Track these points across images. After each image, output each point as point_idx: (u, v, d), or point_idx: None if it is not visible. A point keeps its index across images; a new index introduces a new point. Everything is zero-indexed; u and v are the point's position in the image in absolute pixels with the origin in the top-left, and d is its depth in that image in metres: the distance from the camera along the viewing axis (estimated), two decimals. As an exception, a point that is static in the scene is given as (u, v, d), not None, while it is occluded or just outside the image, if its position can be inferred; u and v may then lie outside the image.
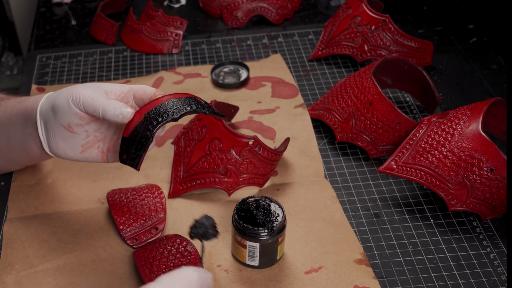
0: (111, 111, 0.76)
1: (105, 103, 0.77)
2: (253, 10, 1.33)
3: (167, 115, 0.75)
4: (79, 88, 0.79)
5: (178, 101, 0.77)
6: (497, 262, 0.86)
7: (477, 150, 0.87)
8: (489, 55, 1.25)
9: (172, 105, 0.76)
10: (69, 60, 1.26)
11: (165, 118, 0.75)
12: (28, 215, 0.93)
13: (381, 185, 0.98)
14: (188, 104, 0.77)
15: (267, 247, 0.82)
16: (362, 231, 0.90)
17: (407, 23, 1.35)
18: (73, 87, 0.80)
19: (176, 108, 0.76)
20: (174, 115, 0.75)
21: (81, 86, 0.80)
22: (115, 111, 0.76)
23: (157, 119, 0.75)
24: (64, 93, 0.80)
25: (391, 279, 0.84)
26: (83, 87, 0.79)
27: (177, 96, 0.77)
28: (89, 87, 0.79)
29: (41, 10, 1.44)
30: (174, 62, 1.25)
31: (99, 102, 0.77)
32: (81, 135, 0.81)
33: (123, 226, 0.88)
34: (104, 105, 0.77)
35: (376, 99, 0.98)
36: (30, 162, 0.95)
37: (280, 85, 1.17)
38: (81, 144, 0.81)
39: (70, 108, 0.78)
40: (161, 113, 0.76)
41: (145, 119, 0.76)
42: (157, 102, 0.77)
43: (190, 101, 0.77)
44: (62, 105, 0.79)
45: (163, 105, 0.76)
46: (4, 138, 0.88)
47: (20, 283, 0.83)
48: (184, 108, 0.76)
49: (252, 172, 0.92)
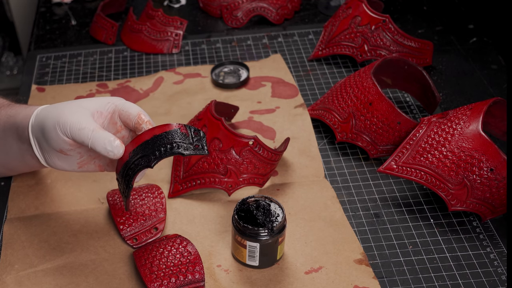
0: (100, 145, 0.74)
1: (93, 137, 0.75)
2: (253, 10, 1.33)
3: (149, 159, 0.73)
4: (65, 114, 0.76)
5: (155, 143, 0.74)
6: (497, 262, 0.86)
7: (477, 150, 0.87)
8: (489, 55, 1.25)
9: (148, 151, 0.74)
10: (69, 60, 1.26)
11: (143, 165, 0.73)
12: (28, 215, 0.93)
13: (381, 185, 0.98)
14: (169, 144, 0.74)
15: (267, 247, 0.82)
16: (362, 231, 0.90)
17: (407, 23, 1.35)
18: (59, 112, 0.77)
19: (157, 152, 0.74)
20: (149, 163, 0.73)
21: (67, 112, 0.77)
22: (105, 147, 0.74)
23: (137, 166, 0.74)
24: (51, 119, 0.77)
25: (391, 279, 0.84)
26: (69, 113, 0.76)
27: (160, 131, 0.75)
28: (75, 112, 0.77)
29: (41, 10, 1.44)
30: (174, 62, 1.25)
31: (86, 134, 0.75)
32: (75, 156, 0.80)
33: (123, 226, 0.88)
34: (93, 138, 0.75)
35: (376, 99, 0.98)
36: (30, 170, 0.96)
37: (280, 85, 1.17)
38: (77, 162, 0.81)
39: (58, 136, 0.77)
40: (147, 154, 0.74)
41: (130, 158, 0.75)
42: (139, 141, 0.75)
43: (173, 136, 0.74)
44: (50, 132, 0.77)
45: (146, 144, 0.74)
46: (2, 150, 0.87)
47: (20, 283, 0.83)
48: (161, 152, 0.73)
49: (252, 172, 0.92)
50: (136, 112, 0.78)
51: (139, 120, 0.78)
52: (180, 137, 0.75)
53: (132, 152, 0.75)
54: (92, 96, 1.15)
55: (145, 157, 0.74)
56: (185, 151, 0.73)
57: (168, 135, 0.74)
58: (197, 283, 0.79)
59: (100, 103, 0.80)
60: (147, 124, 0.77)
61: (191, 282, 0.79)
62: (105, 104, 0.80)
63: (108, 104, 0.80)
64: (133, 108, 0.79)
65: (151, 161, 0.73)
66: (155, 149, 0.73)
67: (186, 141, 0.75)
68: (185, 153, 0.73)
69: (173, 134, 0.75)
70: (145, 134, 0.75)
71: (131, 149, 0.75)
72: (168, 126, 0.75)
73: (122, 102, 0.80)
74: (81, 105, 0.79)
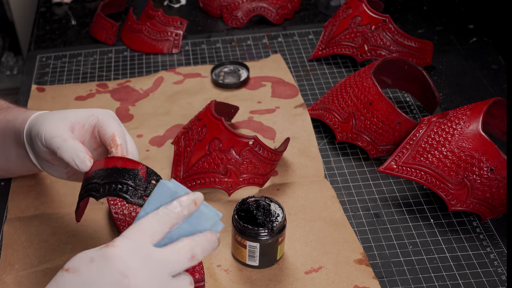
0: (68, 155, 0.73)
1: (62, 146, 0.73)
2: (253, 10, 1.33)
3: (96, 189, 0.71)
4: (44, 124, 0.76)
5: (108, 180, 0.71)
6: (497, 262, 0.86)
7: (477, 150, 0.87)
8: (489, 55, 1.25)
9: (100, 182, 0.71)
10: (69, 60, 1.26)
11: (90, 194, 0.71)
12: (28, 215, 0.93)
13: (381, 185, 0.98)
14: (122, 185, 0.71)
15: (267, 247, 0.82)
16: (362, 231, 0.90)
17: (407, 23, 1.35)
18: (41, 121, 0.76)
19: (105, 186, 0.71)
20: (95, 195, 0.70)
21: (46, 121, 0.76)
22: (72, 158, 0.73)
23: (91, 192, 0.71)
24: (35, 128, 0.77)
25: (391, 279, 0.84)
26: (48, 123, 0.75)
27: (123, 165, 0.71)
28: (54, 121, 0.75)
29: (41, 10, 1.44)
30: (174, 62, 1.25)
31: (56, 142, 0.73)
32: (61, 165, 0.80)
33: (123, 226, 0.88)
34: (61, 147, 0.73)
35: (376, 99, 0.98)
36: (30, 173, 0.96)
37: (280, 85, 1.17)
38: (65, 172, 0.81)
39: (38, 146, 0.77)
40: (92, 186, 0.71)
41: (90, 177, 0.73)
42: (104, 164, 0.72)
43: (130, 177, 0.71)
44: (35, 141, 0.77)
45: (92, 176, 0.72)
46: (2, 154, 0.87)
47: (20, 283, 0.83)
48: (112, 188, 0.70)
49: (252, 172, 0.92)
50: (111, 133, 0.76)
51: (112, 141, 0.75)
52: (135, 180, 0.71)
53: (94, 172, 0.73)
54: (92, 96, 1.15)
55: (97, 185, 0.71)
56: (131, 198, 0.70)
57: (126, 173, 0.71)
58: (197, 283, 0.79)
59: (83, 115, 0.78)
60: (118, 149, 0.75)
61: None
62: (88, 116, 0.78)
63: (91, 117, 0.78)
64: (110, 127, 0.76)
65: (97, 195, 0.71)
66: (106, 183, 0.71)
67: (139, 188, 0.71)
68: (130, 200, 0.70)
69: (130, 174, 0.71)
70: (110, 160, 0.72)
71: (95, 168, 0.73)
72: (132, 163, 0.72)
73: (105, 118, 0.77)
74: (64, 115, 0.77)
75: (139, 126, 1.08)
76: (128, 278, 0.59)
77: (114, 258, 0.60)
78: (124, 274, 0.59)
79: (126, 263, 0.60)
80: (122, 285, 0.59)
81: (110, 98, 1.15)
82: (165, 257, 0.62)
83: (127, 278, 0.59)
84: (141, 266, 0.60)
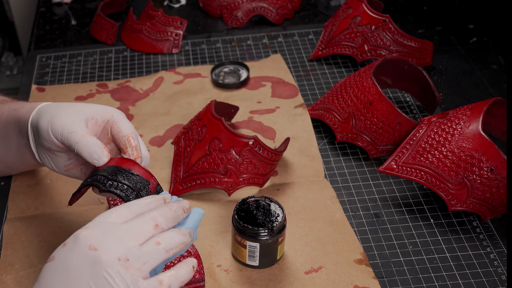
0: (86, 151, 0.74)
1: (80, 141, 0.74)
2: (253, 10, 1.33)
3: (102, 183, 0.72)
4: (59, 115, 0.76)
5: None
6: (497, 262, 0.86)
7: (477, 150, 0.87)
8: (489, 55, 1.25)
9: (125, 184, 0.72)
10: (69, 60, 1.26)
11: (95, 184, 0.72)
12: (28, 215, 0.93)
13: (381, 185, 0.98)
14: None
15: (267, 247, 0.82)
16: (362, 231, 0.90)
17: (407, 23, 1.35)
18: (55, 111, 0.77)
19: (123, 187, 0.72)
20: (99, 186, 0.72)
21: (61, 113, 0.77)
22: (91, 153, 0.74)
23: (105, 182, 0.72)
24: (47, 117, 0.77)
25: (391, 279, 0.84)
26: (63, 115, 0.76)
27: (139, 172, 0.73)
28: (69, 114, 0.76)
29: (41, 10, 1.44)
30: (174, 62, 1.25)
31: (74, 138, 0.74)
32: (63, 157, 0.80)
33: (123, 226, 0.88)
34: (80, 143, 0.74)
35: (376, 99, 0.98)
36: (27, 168, 0.95)
37: (280, 85, 1.17)
38: (64, 164, 0.81)
39: (49, 136, 0.77)
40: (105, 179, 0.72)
41: (101, 170, 0.74)
42: (119, 163, 0.73)
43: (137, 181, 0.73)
44: (42, 130, 0.77)
45: (101, 171, 0.73)
46: (3, 144, 0.87)
47: (20, 283, 0.83)
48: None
49: (252, 172, 0.92)
50: (126, 132, 0.77)
51: (127, 142, 0.76)
52: (143, 190, 0.73)
53: (107, 166, 0.74)
54: (92, 96, 1.15)
55: (105, 178, 0.72)
56: (121, 193, 0.71)
57: (138, 180, 0.73)
58: (197, 283, 0.79)
59: (98, 110, 0.79)
60: (134, 150, 0.76)
61: (191, 282, 0.79)
62: (103, 112, 0.79)
63: (106, 114, 0.79)
64: (126, 128, 0.77)
65: (102, 187, 0.72)
66: (115, 180, 0.72)
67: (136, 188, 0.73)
68: (119, 193, 0.71)
69: (141, 182, 0.73)
70: (127, 162, 0.74)
71: (108, 164, 0.74)
72: (147, 174, 0.74)
73: (119, 117, 0.78)
74: (79, 108, 0.78)
75: (139, 126, 1.08)
76: (96, 250, 0.61)
77: (83, 236, 0.62)
78: (92, 246, 0.61)
79: (93, 236, 0.62)
80: (91, 256, 0.61)
81: (110, 98, 1.15)
82: (130, 225, 0.64)
83: (95, 249, 0.61)
84: (108, 237, 0.62)
